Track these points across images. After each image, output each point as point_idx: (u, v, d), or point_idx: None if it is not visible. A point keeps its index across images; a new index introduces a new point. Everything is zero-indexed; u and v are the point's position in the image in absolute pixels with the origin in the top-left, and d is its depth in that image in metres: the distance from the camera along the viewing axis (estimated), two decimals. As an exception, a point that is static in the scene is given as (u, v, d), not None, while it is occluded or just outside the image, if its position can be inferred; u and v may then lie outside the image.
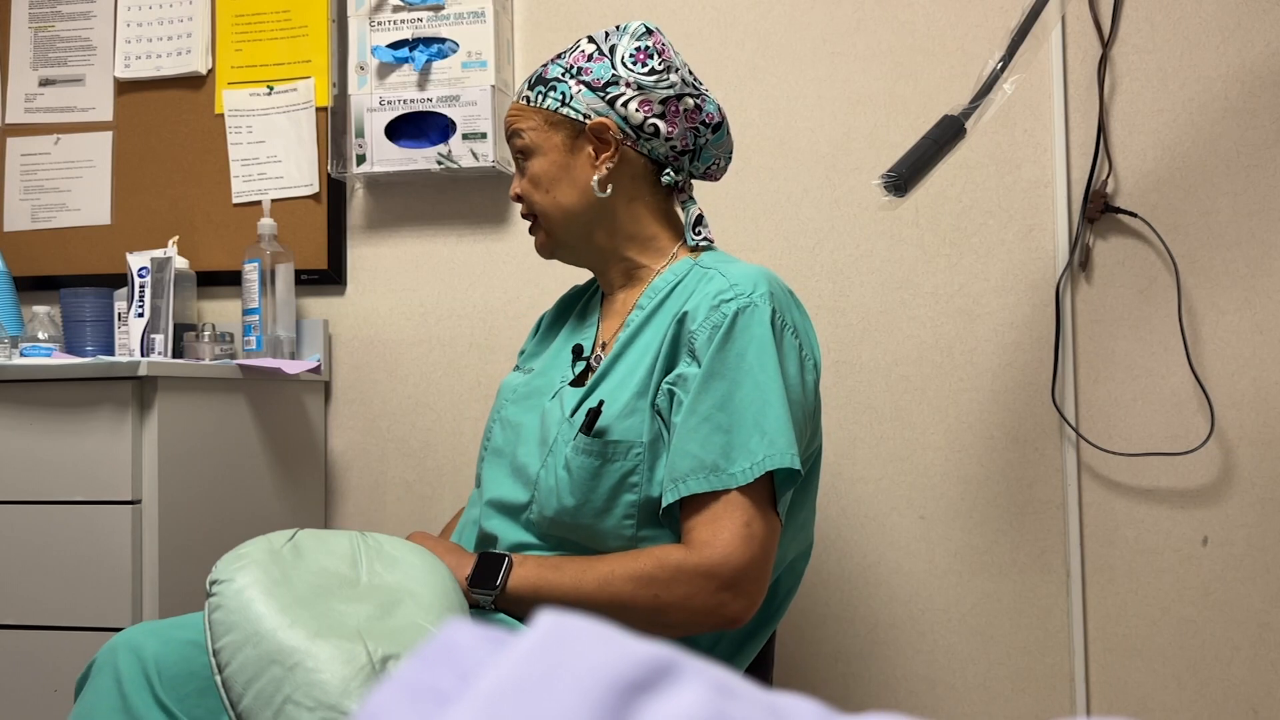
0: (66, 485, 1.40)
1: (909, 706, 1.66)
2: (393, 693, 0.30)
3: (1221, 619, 1.58)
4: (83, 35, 2.02)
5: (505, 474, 1.20)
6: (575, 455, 1.10)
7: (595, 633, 0.31)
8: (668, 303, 1.16)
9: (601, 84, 1.17)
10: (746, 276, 1.11)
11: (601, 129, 1.16)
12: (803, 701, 0.32)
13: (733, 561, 1.03)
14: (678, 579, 1.04)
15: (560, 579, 1.08)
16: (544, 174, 1.19)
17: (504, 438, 1.23)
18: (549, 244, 1.24)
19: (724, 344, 1.07)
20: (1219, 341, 1.59)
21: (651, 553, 1.07)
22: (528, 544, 1.15)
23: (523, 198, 1.23)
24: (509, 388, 1.29)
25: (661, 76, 1.17)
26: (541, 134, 1.19)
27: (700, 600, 1.03)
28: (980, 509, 1.66)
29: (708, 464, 1.05)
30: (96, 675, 0.99)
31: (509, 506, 1.17)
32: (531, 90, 1.21)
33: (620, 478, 1.09)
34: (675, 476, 1.06)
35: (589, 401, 1.14)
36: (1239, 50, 1.60)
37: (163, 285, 1.72)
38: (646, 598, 1.04)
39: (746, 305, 1.08)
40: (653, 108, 1.17)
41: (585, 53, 1.19)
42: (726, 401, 1.06)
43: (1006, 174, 1.66)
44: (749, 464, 1.04)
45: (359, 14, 1.82)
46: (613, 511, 1.10)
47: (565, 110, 1.18)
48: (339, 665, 0.85)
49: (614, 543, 1.10)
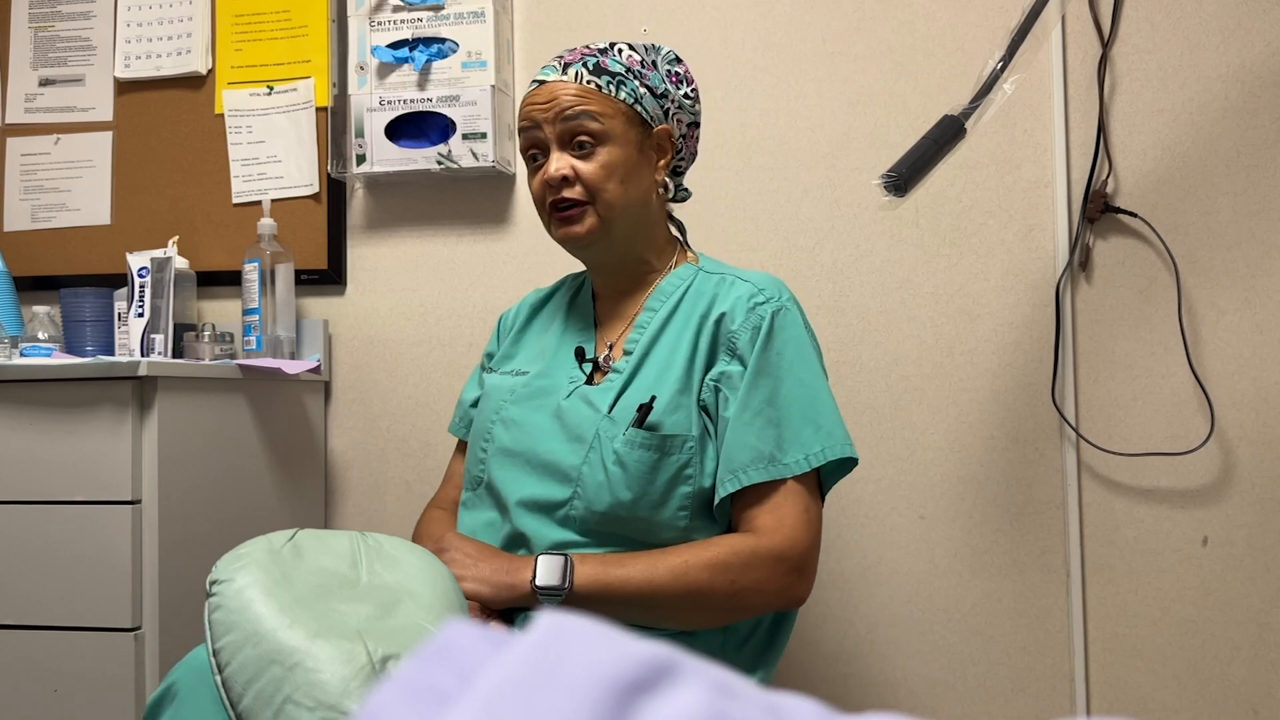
0: (66, 485, 1.40)
1: (909, 706, 1.66)
2: (393, 693, 0.30)
3: (1221, 619, 1.58)
4: (83, 35, 2.02)
5: (527, 473, 1.19)
6: (631, 450, 1.13)
7: (595, 633, 0.31)
8: (684, 305, 1.22)
9: (659, 93, 1.23)
10: (769, 281, 1.20)
11: (665, 135, 1.24)
12: (803, 701, 0.32)
13: (799, 545, 1.11)
14: (752, 564, 1.10)
15: (629, 574, 1.09)
16: (621, 164, 1.19)
17: (512, 438, 1.23)
18: (598, 231, 1.20)
19: (766, 344, 1.15)
20: (1219, 341, 1.59)
21: (720, 541, 1.12)
22: (568, 541, 1.15)
23: (580, 180, 1.19)
24: (503, 389, 1.28)
25: (694, 102, 1.28)
26: (619, 123, 1.19)
27: (774, 583, 1.11)
28: (980, 509, 1.66)
29: (765, 455, 1.12)
30: (188, 697, 0.93)
31: (544, 504, 1.17)
32: (598, 76, 1.20)
33: (676, 470, 1.13)
34: (734, 468, 1.12)
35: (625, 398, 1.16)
36: (1239, 50, 1.60)
37: (163, 285, 1.72)
38: (724, 584, 1.09)
39: (780, 308, 1.17)
40: (683, 128, 1.27)
41: (636, 59, 1.23)
42: (774, 397, 1.14)
43: (1006, 174, 1.66)
44: (803, 454, 1.13)
45: (359, 14, 1.82)
46: (669, 504, 1.13)
47: (639, 108, 1.21)
48: (339, 665, 0.85)
49: (667, 534, 1.14)
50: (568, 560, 1.10)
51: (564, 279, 1.41)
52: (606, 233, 1.21)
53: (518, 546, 1.18)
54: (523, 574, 1.10)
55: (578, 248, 1.24)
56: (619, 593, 1.08)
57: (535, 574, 1.09)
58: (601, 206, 1.19)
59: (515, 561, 1.13)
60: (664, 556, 1.10)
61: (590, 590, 1.08)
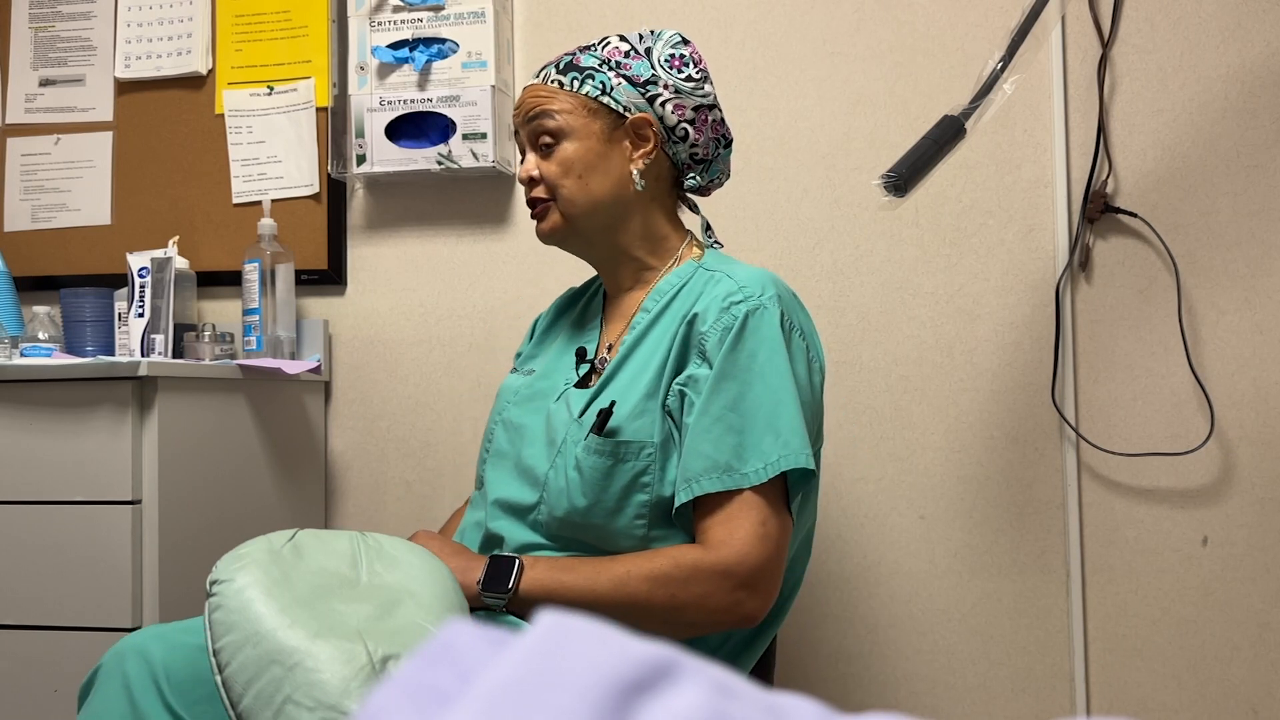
0: (66, 485, 1.40)
1: (909, 706, 1.66)
2: (393, 693, 0.30)
3: (1221, 619, 1.58)
4: (83, 35, 2.02)
5: (511, 475, 1.20)
6: (587, 455, 1.10)
7: (595, 633, 0.31)
8: (674, 305, 1.18)
9: (641, 81, 1.19)
10: (754, 279, 1.13)
11: (643, 124, 1.19)
12: (803, 701, 0.32)
13: (749, 560, 1.04)
14: (695, 578, 1.04)
15: (574, 580, 1.07)
16: (579, 159, 1.18)
17: (507, 439, 1.23)
18: (560, 229, 1.21)
19: (735, 346, 1.09)
20: (1219, 341, 1.59)
21: (667, 552, 1.07)
22: (536, 544, 1.15)
23: (542, 180, 1.21)
24: (510, 390, 1.29)
25: (698, 85, 1.21)
26: (578, 119, 1.18)
27: (717, 599, 1.04)
28: (980, 509, 1.66)
29: (721, 464, 1.06)
30: (104, 681, 0.98)
31: (516, 507, 1.17)
32: (563, 74, 1.20)
33: (632, 478, 1.10)
34: (688, 476, 1.07)
35: (598, 402, 1.14)
36: (1239, 50, 1.60)
37: (163, 285, 1.72)
38: (663, 597, 1.05)
39: (756, 308, 1.10)
40: (685, 113, 1.20)
41: (620, 49, 1.21)
42: (738, 402, 1.07)
43: (1006, 174, 1.66)
44: (762, 464, 1.06)
45: (359, 14, 1.82)
46: (624, 511, 1.10)
47: (606, 99, 1.18)
48: (339, 665, 0.85)
49: (625, 543, 1.11)
50: (517, 563, 1.09)
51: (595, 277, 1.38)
52: (573, 228, 1.21)
53: (493, 547, 1.19)
54: (473, 574, 1.10)
55: (550, 243, 1.25)
56: (561, 599, 1.06)
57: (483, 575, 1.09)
58: (562, 203, 1.20)
59: (473, 561, 1.13)
60: (610, 565, 1.08)
61: (534, 594, 1.08)
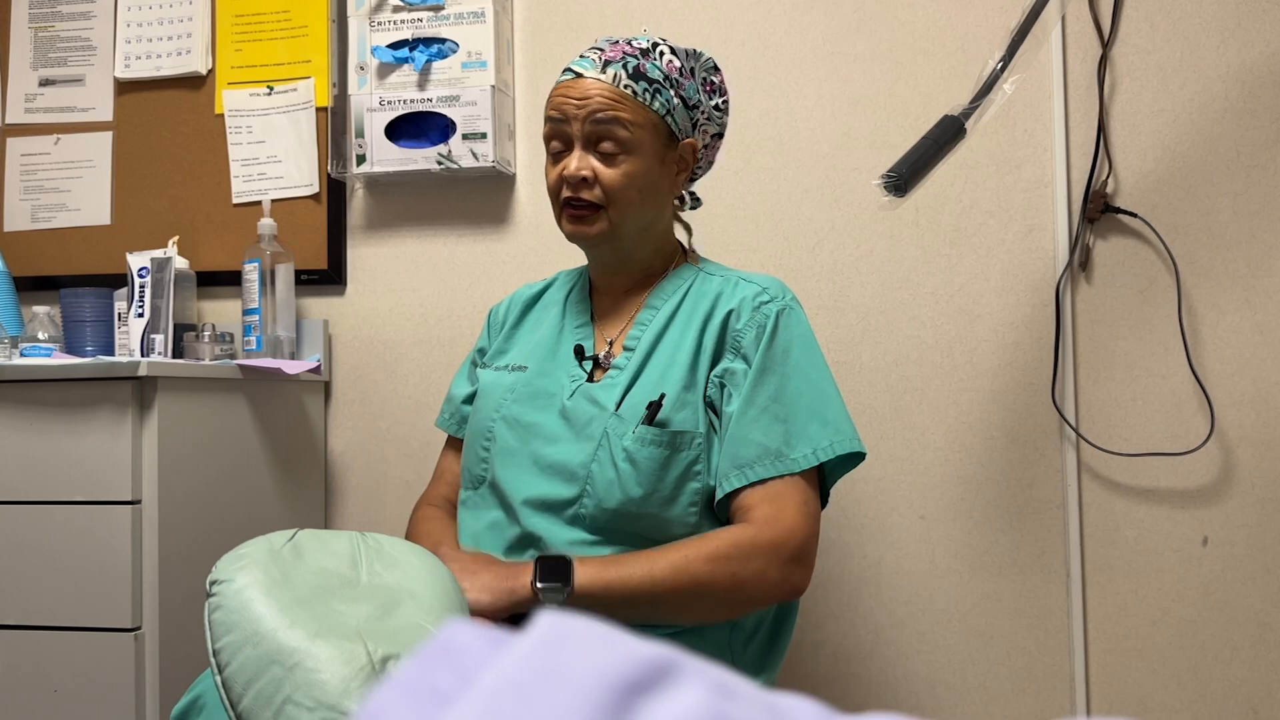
0: (66, 485, 1.40)
1: (909, 706, 1.66)
2: (393, 693, 0.30)
3: (1221, 619, 1.58)
4: (83, 35, 2.02)
5: (534, 473, 1.19)
6: (641, 447, 1.14)
7: (595, 633, 0.31)
8: (685, 304, 1.23)
9: (691, 103, 1.23)
10: (773, 282, 1.23)
11: (690, 150, 1.24)
12: (803, 701, 0.32)
13: (798, 534, 1.11)
14: (753, 555, 1.10)
15: (630, 572, 1.09)
16: (643, 176, 1.19)
17: (517, 437, 1.23)
18: (607, 234, 1.21)
19: (771, 342, 1.17)
20: (1219, 341, 1.59)
21: (719, 534, 1.12)
22: (577, 539, 1.15)
23: (600, 184, 1.19)
24: (502, 387, 1.28)
25: (724, 114, 1.28)
26: (646, 134, 1.19)
27: (773, 573, 1.11)
28: (980, 509, 1.66)
29: (772, 450, 1.13)
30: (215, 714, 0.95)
31: (551, 503, 1.17)
32: (635, 81, 1.18)
33: (686, 466, 1.15)
34: (740, 464, 1.14)
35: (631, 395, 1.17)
36: (1239, 50, 1.60)
37: (163, 285, 1.72)
38: (725, 575, 1.09)
39: (784, 308, 1.20)
40: (706, 138, 1.28)
41: (675, 65, 1.22)
42: (780, 394, 1.15)
43: (1006, 174, 1.66)
44: (810, 449, 1.14)
45: (359, 14, 1.82)
46: (679, 500, 1.15)
47: (669, 120, 1.20)
48: (339, 665, 0.85)
49: (678, 530, 1.15)
50: (568, 561, 1.09)
51: (558, 274, 1.41)
52: (615, 235, 1.22)
53: (527, 547, 1.18)
54: (523, 578, 1.10)
55: (585, 246, 1.25)
56: (620, 591, 1.08)
57: (536, 575, 1.09)
58: (615, 213, 1.20)
59: (514, 567, 1.12)
60: (663, 553, 1.10)
61: (592, 589, 1.08)
